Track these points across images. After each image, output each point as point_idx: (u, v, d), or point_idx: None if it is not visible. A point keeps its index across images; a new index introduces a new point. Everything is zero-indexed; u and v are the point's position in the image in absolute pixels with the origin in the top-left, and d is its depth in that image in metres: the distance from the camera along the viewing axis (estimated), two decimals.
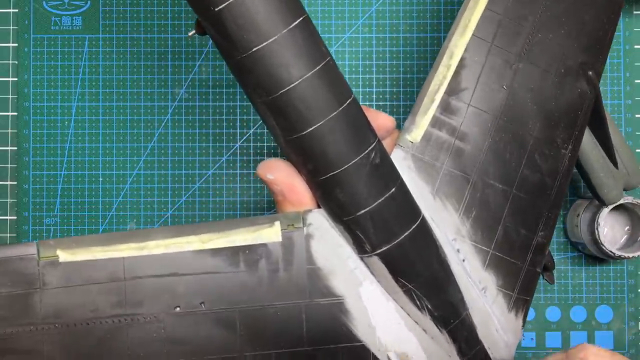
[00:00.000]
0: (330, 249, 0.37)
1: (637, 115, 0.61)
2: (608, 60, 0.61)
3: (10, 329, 0.35)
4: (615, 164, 0.52)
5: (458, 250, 0.39)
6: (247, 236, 0.37)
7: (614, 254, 0.55)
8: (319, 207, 0.38)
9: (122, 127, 0.61)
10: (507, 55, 0.40)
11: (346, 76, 0.61)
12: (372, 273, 0.38)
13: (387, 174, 0.37)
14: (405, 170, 0.39)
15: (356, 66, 0.61)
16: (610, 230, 0.59)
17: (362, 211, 0.36)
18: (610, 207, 0.55)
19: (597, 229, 0.55)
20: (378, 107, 0.61)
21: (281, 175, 0.37)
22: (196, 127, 0.61)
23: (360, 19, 0.61)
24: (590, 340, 0.60)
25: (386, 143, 0.39)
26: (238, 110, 0.61)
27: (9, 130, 0.61)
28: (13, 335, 0.35)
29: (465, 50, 0.40)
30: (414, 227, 0.37)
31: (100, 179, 0.61)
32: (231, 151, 0.61)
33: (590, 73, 0.42)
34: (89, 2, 0.61)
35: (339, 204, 0.36)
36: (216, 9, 0.33)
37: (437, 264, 0.38)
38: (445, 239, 0.39)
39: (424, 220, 0.38)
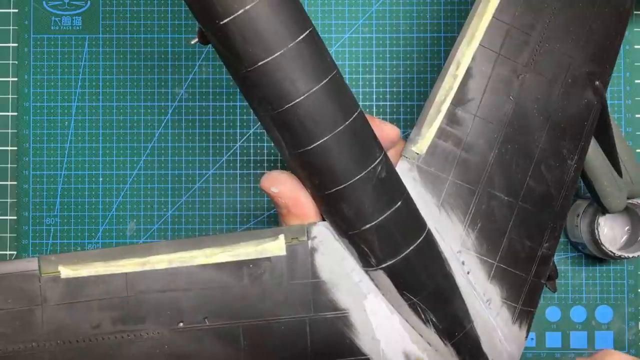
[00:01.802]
0: (335, 262, 0.37)
1: (637, 115, 0.61)
2: None
3: (12, 346, 0.34)
4: (619, 173, 0.52)
5: (463, 263, 0.39)
6: (251, 250, 0.36)
7: (614, 254, 0.55)
8: (323, 219, 0.38)
9: (122, 127, 0.61)
10: (514, 65, 0.40)
11: (346, 76, 0.61)
12: (376, 286, 0.37)
13: (393, 187, 0.37)
14: (410, 181, 0.38)
15: (356, 66, 0.61)
16: (610, 230, 0.59)
17: (368, 225, 0.36)
18: None
19: (597, 229, 0.55)
20: (378, 107, 0.61)
21: (286, 188, 0.37)
22: (196, 127, 0.61)
23: (360, 19, 0.61)
24: (590, 340, 0.60)
25: (391, 154, 0.39)
26: (238, 110, 0.61)
27: (9, 130, 0.61)
28: (15, 352, 0.34)
29: (472, 60, 0.39)
30: (419, 240, 0.37)
31: (100, 179, 0.61)
32: (231, 151, 0.61)
33: (597, 83, 0.42)
34: (89, 2, 0.61)
35: (344, 218, 0.36)
36: (222, 22, 0.32)
37: (442, 277, 0.38)
38: (450, 252, 0.39)
39: (429, 234, 0.38)
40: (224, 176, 0.61)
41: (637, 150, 0.61)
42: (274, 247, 0.36)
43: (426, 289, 0.37)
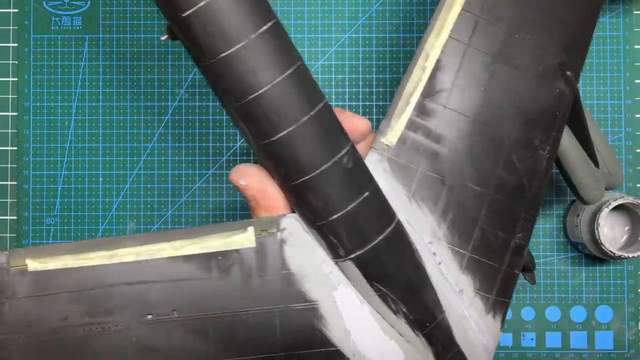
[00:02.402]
0: (304, 253, 0.37)
1: (637, 115, 0.61)
2: (608, 60, 0.61)
3: None
4: (596, 163, 0.52)
5: (434, 254, 0.39)
6: (219, 242, 0.36)
7: (614, 254, 0.55)
8: (293, 212, 0.38)
9: (122, 127, 0.61)
10: (483, 57, 0.40)
11: (346, 76, 0.61)
12: (346, 277, 0.37)
13: (361, 178, 0.37)
14: (381, 173, 0.38)
15: (356, 66, 0.61)
16: (610, 230, 0.59)
17: (335, 216, 0.36)
18: (610, 207, 0.55)
19: (597, 229, 0.55)
20: (378, 107, 0.61)
21: (253, 180, 0.37)
22: (196, 127, 0.61)
23: (360, 19, 0.61)
24: (590, 340, 0.60)
25: (361, 146, 0.39)
26: None
27: (9, 130, 0.61)
28: None
29: (441, 52, 0.39)
30: (388, 231, 0.37)
31: (100, 179, 0.61)
32: (231, 151, 0.61)
33: (569, 73, 0.42)
34: (89, 2, 0.61)
35: (311, 209, 0.36)
36: (184, 15, 0.32)
37: (412, 267, 0.38)
38: (421, 242, 0.39)
39: (399, 224, 0.38)
40: (224, 176, 0.61)
41: (637, 150, 0.61)
42: (243, 239, 0.36)
43: (396, 279, 0.37)
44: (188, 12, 0.32)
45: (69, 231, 0.60)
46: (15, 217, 0.61)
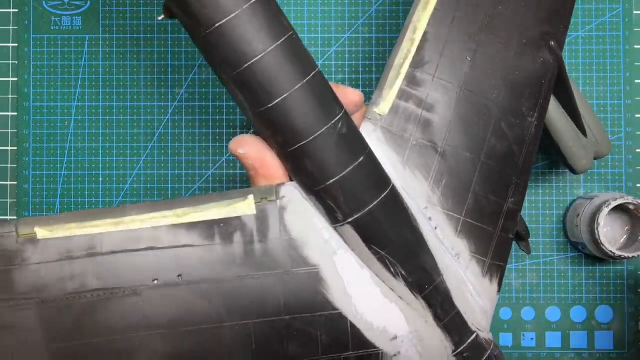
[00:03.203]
0: (304, 220, 0.38)
1: (637, 115, 0.61)
2: (608, 60, 0.61)
3: None
4: (584, 132, 0.53)
5: (430, 218, 0.40)
6: (221, 210, 0.37)
7: (614, 254, 0.55)
8: (291, 180, 0.39)
9: (122, 127, 0.61)
10: (469, 28, 0.42)
11: (346, 76, 0.61)
12: (345, 242, 0.39)
13: (355, 143, 0.38)
14: (374, 142, 0.40)
15: (356, 66, 0.61)
16: (610, 230, 0.59)
17: (332, 180, 0.37)
18: (610, 207, 0.55)
19: (597, 229, 0.55)
20: None
21: (252, 149, 0.38)
22: (196, 127, 0.61)
23: (360, 19, 0.61)
24: (590, 340, 0.60)
25: (355, 117, 0.40)
26: (238, 110, 0.61)
27: (9, 130, 0.61)
28: None
29: (428, 24, 0.41)
30: (384, 194, 0.38)
31: (100, 179, 0.61)
32: None
33: (552, 43, 0.44)
34: (89, 2, 0.61)
35: (309, 175, 0.37)
36: None
37: (408, 230, 0.39)
38: (416, 208, 0.40)
39: (394, 189, 0.39)
40: (224, 176, 0.61)
41: (637, 150, 0.61)
42: (244, 206, 0.38)
43: (393, 242, 0.38)
44: None
45: None
46: (15, 217, 0.61)
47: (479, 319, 0.41)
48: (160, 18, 0.38)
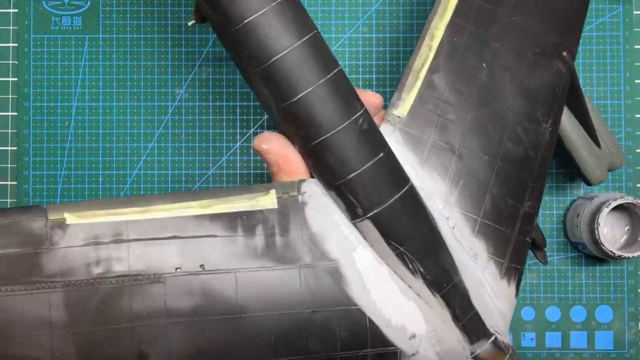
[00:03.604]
0: (324, 215, 0.39)
1: (637, 115, 0.61)
2: (608, 60, 0.61)
3: (18, 286, 0.36)
4: (597, 143, 0.54)
5: (448, 218, 0.41)
6: (244, 203, 0.38)
7: (614, 254, 0.55)
8: (312, 177, 0.40)
9: (122, 127, 0.61)
10: (484, 37, 0.43)
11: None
12: (364, 238, 0.39)
13: (375, 139, 0.39)
14: (393, 142, 0.41)
15: (356, 66, 0.61)
16: (610, 230, 0.59)
17: (352, 174, 0.38)
18: (610, 207, 0.55)
19: (597, 229, 0.55)
20: None
21: (275, 145, 0.39)
22: (196, 127, 0.61)
23: (360, 19, 0.61)
24: (590, 340, 0.60)
25: (375, 120, 0.41)
26: (238, 110, 0.61)
27: (9, 130, 0.61)
28: (20, 291, 0.36)
29: (445, 32, 0.42)
30: (403, 191, 0.39)
31: (100, 179, 0.61)
32: (231, 151, 0.61)
33: (565, 53, 0.45)
34: (89, 2, 0.61)
35: (329, 169, 0.38)
36: None
37: (427, 227, 0.39)
38: (434, 207, 0.40)
39: (412, 187, 0.40)
40: (224, 176, 0.61)
41: (637, 150, 0.61)
42: (266, 200, 0.39)
43: (412, 238, 0.39)
44: None
45: None
46: None
47: (497, 321, 0.41)
48: (190, 23, 0.40)
